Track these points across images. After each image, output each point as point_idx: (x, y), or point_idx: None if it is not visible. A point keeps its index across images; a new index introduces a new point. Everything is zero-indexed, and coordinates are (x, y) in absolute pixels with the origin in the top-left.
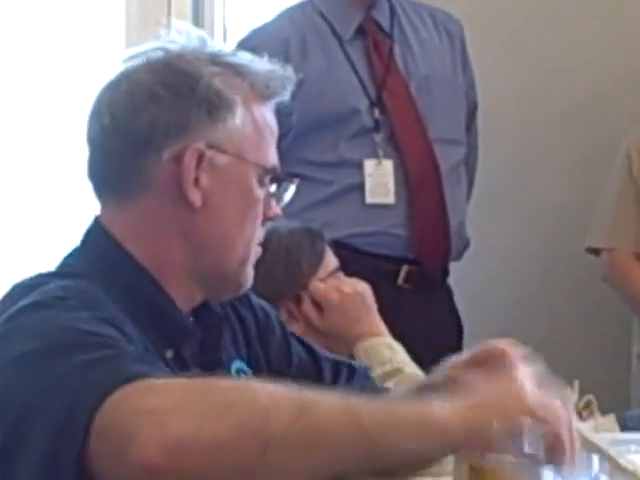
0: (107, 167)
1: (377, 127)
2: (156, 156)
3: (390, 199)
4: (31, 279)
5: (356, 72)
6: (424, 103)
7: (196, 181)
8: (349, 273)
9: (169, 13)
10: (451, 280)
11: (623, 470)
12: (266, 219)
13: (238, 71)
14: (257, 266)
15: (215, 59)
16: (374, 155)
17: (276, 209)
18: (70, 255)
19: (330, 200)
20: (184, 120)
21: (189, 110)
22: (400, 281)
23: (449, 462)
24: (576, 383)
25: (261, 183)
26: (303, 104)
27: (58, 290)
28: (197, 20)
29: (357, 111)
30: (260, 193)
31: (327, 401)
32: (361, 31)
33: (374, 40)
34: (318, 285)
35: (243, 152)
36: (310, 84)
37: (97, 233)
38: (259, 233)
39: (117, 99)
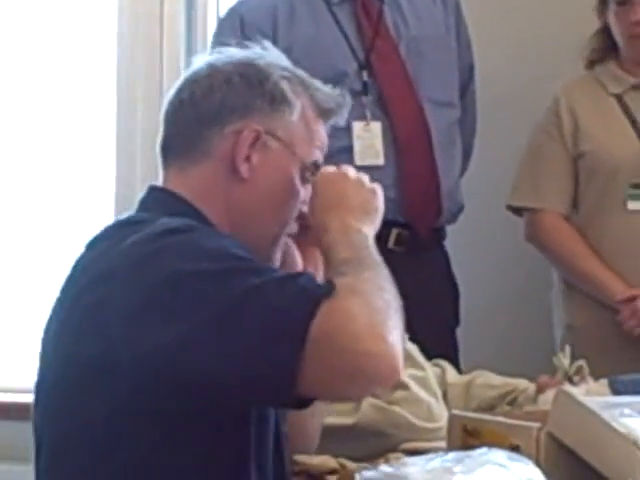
0: (177, 134)
1: (365, 90)
2: (220, 129)
3: (379, 160)
4: (128, 219)
5: (345, 35)
6: (414, 65)
7: (248, 158)
8: None
9: None
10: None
11: (616, 433)
12: (300, 216)
13: (303, 82)
14: None
15: (288, 69)
16: (362, 118)
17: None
18: (135, 216)
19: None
20: (249, 104)
21: (255, 98)
22: (390, 244)
23: (442, 428)
24: (567, 349)
25: (302, 179)
26: None
27: (179, 222)
28: None
29: (345, 74)
30: (300, 187)
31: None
32: None
33: (363, 2)
34: None
35: (293, 145)
36: (298, 49)
37: (161, 195)
38: (292, 225)
39: (198, 79)
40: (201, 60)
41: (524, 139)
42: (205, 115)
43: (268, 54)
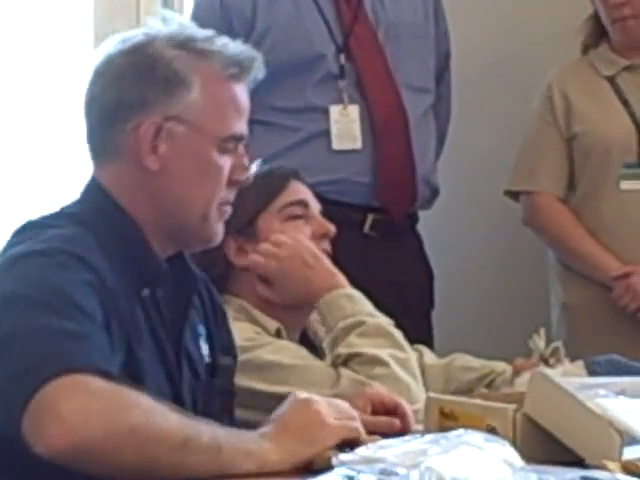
0: (90, 135)
1: (342, 73)
2: (122, 128)
3: (357, 144)
4: (40, 221)
5: (324, 18)
6: (392, 50)
7: (155, 149)
8: None
9: None
10: (421, 228)
11: (592, 414)
12: (232, 183)
13: (201, 54)
14: None
15: (184, 44)
16: (339, 101)
17: (244, 174)
18: (72, 205)
19: (296, 147)
20: (144, 96)
21: (148, 88)
22: (366, 229)
23: (420, 410)
24: (542, 331)
25: (223, 150)
26: (270, 49)
27: (57, 239)
28: None
29: (323, 57)
30: (220, 160)
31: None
32: None
33: None
34: (255, 258)
35: (200, 123)
36: (277, 30)
37: (91, 185)
38: (224, 195)
39: (95, 80)
40: (101, 51)
41: (501, 125)
42: (105, 115)
43: (165, 30)
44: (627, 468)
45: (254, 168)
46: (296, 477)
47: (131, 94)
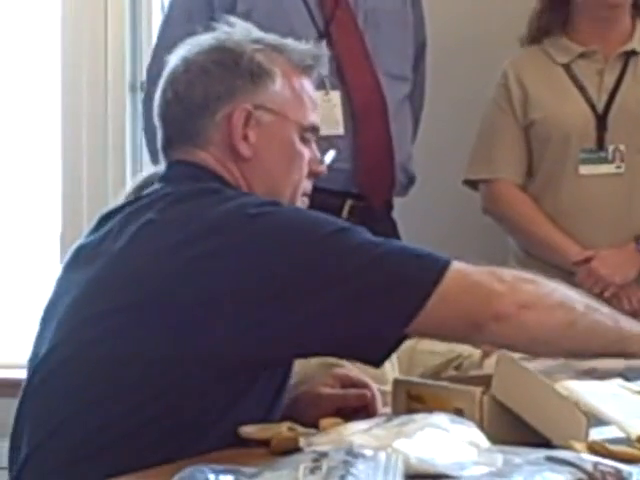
0: (174, 131)
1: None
2: (211, 118)
3: (339, 130)
4: (202, 189)
5: (305, 4)
6: (371, 36)
7: (245, 137)
8: None
9: None
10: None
11: (557, 395)
12: (311, 174)
13: (277, 48)
14: None
15: (259, 40)
16: (321, 87)
17: (321, 166)
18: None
19: None
20: (231, 87)
21: (235, 79)
22: (344, 215)
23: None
24: None
25: (303, 140)
26: None
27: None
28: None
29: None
30: (303, 149)
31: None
32: None
33: None
34: None
35: (285, 111)
36: (258, 14)
37: (186, 167)
38: (305, 184)
39: (177, 78)
40: (175, 57)
41: (474, 113)
42: (193, 108)
43: (235, 31)
44: (593, 449)
45: (327, 160)
46: (263, 459)
47: (219, 87)
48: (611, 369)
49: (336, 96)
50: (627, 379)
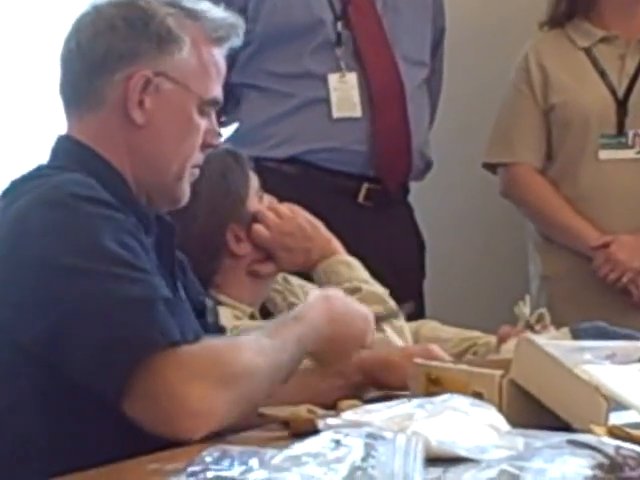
0: (70, 83)
1: (339, 41)
2: (109, 77)
3: (357, 112)
4: (30, 173)
5: None
6: (390, 21)
7: (141, 103)
8: (308, 191)
9: None
10: (412, 198)
11: (578, 379)
12: (205, 145)
13: (191, 14)
14: (196, 196)
15: (174, 3)
16: (337, 69)
17: (216, 139)
18: (42, 166)
19: (292, 114)
20: (135, 49)
21: (141, 41)
22: (360, 199)
23: None
24: (527, 298)
25: (201, 112)
26: (268, 14)
27: (69, 184)
28: None
29: (321, 23)
30: (200, 121)
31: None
32: None
33: None
34: (259, 229)
35: (187, 82)
36: None
37: (67, 142)
38: (197, 156)
39: (83, 27)
40: (88, 2)
41: (492, 98)
42: (93, 64)
43: None
44: (613, 433)
45: (224, 133)
46: (282, 441)
47: (122, 46)
48: (631, 354)
49: (352, 78)
50: None
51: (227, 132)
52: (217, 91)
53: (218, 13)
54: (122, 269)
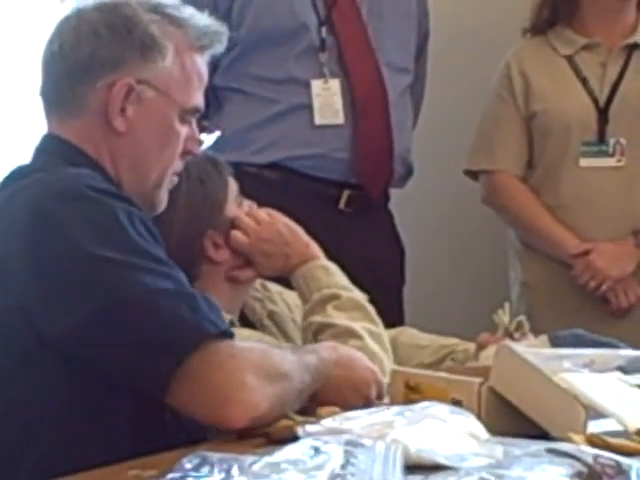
0: (52, 87)
1: (323, 46)
2: (92, 84)
3: (339, 119)
4: (28, 167)
5: None
6: (375, 27)
7: (123, 110)
8: (288, 196)
9: None
10: (392, 205)
11: (557, 387)
12: (185, 153)
13: (175, 22)
14: (174, 202)
15: (157, 9)
16: (321, 75)
17: (196, 146)
18: (25, 166)
19: (274, 120)
20: (119, 57)
21: (124, 49)
22: (341, 205)
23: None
24: (507, 305)
25: (183, 120)
26: (253, 18)
27: (81, 177)
28: None
29: (305, 27)
30: (181, 129)
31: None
32: None
33: None
34: (237, 235)
35: (169, 91)
36: None
37: (54, 140)
38: (177, 163)
39: (66, 31)
40: (71, 4)
41: (474, 105)
42: (75, 70)
43: None
44: (592, 441)
45: (207, 141)
46: (262, 447)
47: (105, 53)
48: (609, 362)
49: (335, 84)
50: (625, 372)
51: (209, 138)
52: (199, 99)
53: (202, 20)
54: (152, 262)
